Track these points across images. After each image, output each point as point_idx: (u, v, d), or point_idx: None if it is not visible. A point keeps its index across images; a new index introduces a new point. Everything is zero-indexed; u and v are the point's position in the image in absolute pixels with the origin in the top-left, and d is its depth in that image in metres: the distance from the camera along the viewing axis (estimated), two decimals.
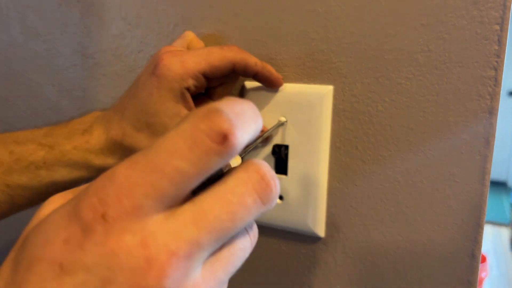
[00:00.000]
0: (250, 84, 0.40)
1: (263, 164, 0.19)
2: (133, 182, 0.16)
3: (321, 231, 0.40)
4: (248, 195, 0.18)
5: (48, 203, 0.19)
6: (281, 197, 0.40)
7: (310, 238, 0.41)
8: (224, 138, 0.16)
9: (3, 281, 0.17)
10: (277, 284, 0.44)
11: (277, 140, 0.39)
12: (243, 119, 0.18)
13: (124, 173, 0.17)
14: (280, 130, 0.39)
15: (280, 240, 0.42)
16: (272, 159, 0.40)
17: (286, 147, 0.39)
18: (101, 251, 0.16)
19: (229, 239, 0.19)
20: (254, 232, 0.20)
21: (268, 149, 0.40)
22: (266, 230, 0.43)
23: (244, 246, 0.19)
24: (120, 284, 0.16)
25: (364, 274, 0.39)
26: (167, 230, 0.17)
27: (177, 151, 0.17)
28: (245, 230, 0.20)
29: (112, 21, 0.46)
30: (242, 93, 0.41)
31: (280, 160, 0.40)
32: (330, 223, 0.40)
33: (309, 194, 0.39)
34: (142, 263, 0.16)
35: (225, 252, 0.19)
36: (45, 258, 0.16)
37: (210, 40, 0.42)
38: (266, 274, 0.44)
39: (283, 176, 0.40)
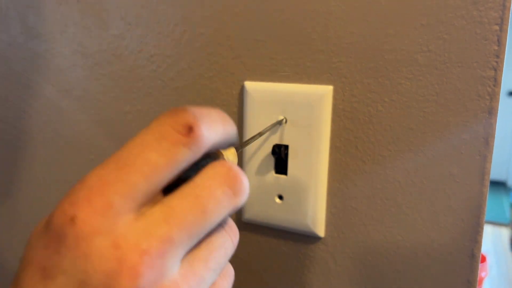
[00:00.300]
0: (250, 84, 0.40)
1: (229, 161, 0.20)
2: (104, 180, 0.17)
3: (321, 231, 0.40)
4: (217, 187, 0.18)
5: None
6: (281, 197, 0.40)
7: (310, 238, 0.41)
8: (189, 130, 0.17)
9: (12, 281, 0.18)
10: (277, 284, 0.44)
11: (277, 140, 0.39)
12: (209, 118, 0.19)
13: (96, 174, 0.17)
14: (280, 130, 0.39)
15: (280, 240, 0.42)
16: (272, 159, 0.40)
17: (286, 147, 0.39)
18: (75, 255, 0.16)
19: (206, 236, 0.19)
20: (232, 229, 0.20)
21: (268, 149, 0.40)
22: (266, 230, 0.43)
23: (223, 242, 0.19)
24: (94, 287, 0.16)
25: (364, 274, 0.39)
26: (137, 229, 0.17)
27: (146, 145, 0.17)
28: (222, 227, 0.20)
29: (112, 21, 0.46)
30: (242, 93, 0.41)
31: (280, 160, 0.40)
32: (330, 223, 0.40)
33: (309, 194, 0.39)
34: (114, 264, 0.16)
35: (203, 249, 0.19)
36: (33, 262, 0.17)
37: (210, 40, 0.42)
38: (266, 274, 0.44)
39: (283, 176, 0.40)
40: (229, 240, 0.20)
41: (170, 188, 0.18)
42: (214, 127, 0.19)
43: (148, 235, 0.16)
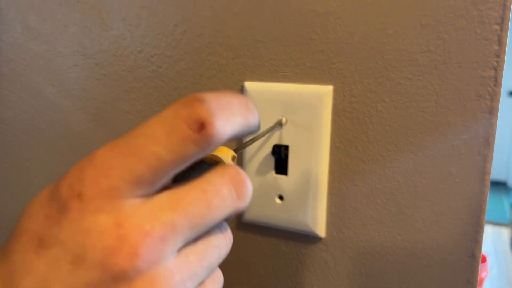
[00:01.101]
0: (250, 84, 0.40)
1: (238, 167, 0.20)
2: (110, 164, 0.17)
3: (321, 231, 0.40)
4: (224, 185, 0.19)
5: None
6: (281, 197, 0.40)
7: (310, 238, 0.41)
8: (201, 126, 0.17)
9: (2, 247, 0.18)
10: (277, 284, 0.44)
11: (277, 140, 0.39)
12: (228, 111, 0.18)
13: (103, 155, 0.17)
14: (280, 130, 0.39)
15: (280, 240, 0.43)
16: (272, 159, 0.40)
17: (286, 147, 0.39)
18: (75, 229, 0.16)
19: (204, 234, 0.19)
20: (229, 233, 0.21)
21: (268, 149, 0.40)
22: (266, 230, 0.43)
23: (219, 244, 0.20)
24: (90, 262, 0.16)
25: (364, 274, 0.39)
26: (142, 212, 0.17)
27: (155, 136, 0.17)
28: (219, 230, 0.20)
29: (113, 21, 0.46)
30: (242, 93, 0.41)
31: (280, 160, 0.40)
32: (330, 223, 0.40)
33: (309, 194, 0.39)
34: (114, 241, 0.16)
35: (200, 245, 0.19)
36: (29, 230, 0.17)
37: (210, 40, 0.42)
38: (266, 274, 0.44)
39: (283, 176, 0.40)
40: (224, 243, 0.20)
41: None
42: (231, 121, 0.18)
43: (152, 218, 0.17)
